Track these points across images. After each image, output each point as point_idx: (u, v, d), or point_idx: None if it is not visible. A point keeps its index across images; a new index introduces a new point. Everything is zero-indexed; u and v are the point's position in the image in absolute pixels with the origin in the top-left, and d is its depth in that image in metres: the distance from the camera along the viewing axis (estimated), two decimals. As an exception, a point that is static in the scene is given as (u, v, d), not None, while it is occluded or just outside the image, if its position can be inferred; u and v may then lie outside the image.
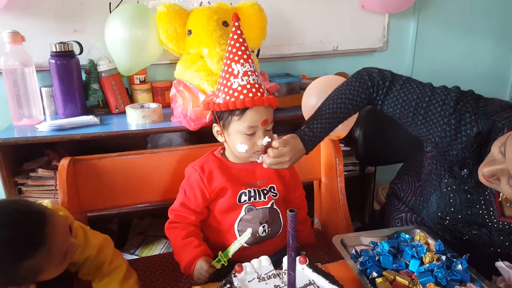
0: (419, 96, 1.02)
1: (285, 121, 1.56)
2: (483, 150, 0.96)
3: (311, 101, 1.33)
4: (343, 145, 1.66)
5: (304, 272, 0.86)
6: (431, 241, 1.03)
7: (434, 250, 0.99)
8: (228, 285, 0.82)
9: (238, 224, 1.12)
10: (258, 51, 1.66)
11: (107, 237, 1.08)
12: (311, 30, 1.86)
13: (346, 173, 1.59)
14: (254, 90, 1.00)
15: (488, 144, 0.94)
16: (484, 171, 0.88)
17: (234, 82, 1.00)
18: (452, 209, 1.05)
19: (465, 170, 0.99)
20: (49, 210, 0.78)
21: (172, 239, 1.13)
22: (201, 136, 1.49)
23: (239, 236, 1.11)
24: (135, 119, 1.44)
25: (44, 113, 1.58)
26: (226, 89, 1.02)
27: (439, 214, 1.09)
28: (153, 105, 1.48)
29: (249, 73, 1.00)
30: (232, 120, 1.03)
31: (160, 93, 1.65)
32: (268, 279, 0.85)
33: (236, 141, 1.05)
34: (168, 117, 1.51)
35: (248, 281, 0.84)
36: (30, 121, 1.49)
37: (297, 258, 0.88)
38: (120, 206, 1.33)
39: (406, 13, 2.00)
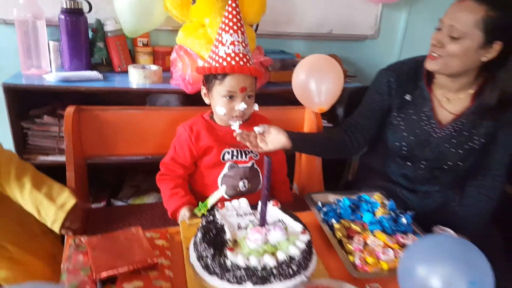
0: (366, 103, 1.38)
1: (277, 94, 1.72)
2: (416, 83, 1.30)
3: (300, 77, 1.45)
4: (326, 122, 1.80)
5: (275, 212, 1.02)
6: (386, 202, 1.20)
7: (387, 208, 1.17)
8: (211, 217, 0.97)
9: (221, 179, 1.27)
10: (257, 26, 1.78)
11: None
12: (309, 12, 1.97)
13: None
14: (237, 59, 1.12)
15: (417, 77, 1.30)
16: (432, 41, 1.18)
17: (221, 49, 1.13)
18: (404, 134, 1.30)
19: (407, 95, 1.30)
20: None
21: (162, 188, 1.27)
22: (197, 100, 1.60)
23: None
24: (136, 78, 1.56)
25: (50, 66, 1.69)
26: (214, 55, 1.15)
27: (396, 144, 1.32)
28: (154, 67, 1.61)
29: (236, 43, 1.13)
30: (215, 84, 1.17)
31: (161, 57, 1.76)
32: (244, 215, 1.00)
33: (217, 103, 1.19)
34: (167, 80, 1.62)
35: (228, 216, 1.00)
36: (38, 71, 1.60)
37: (271, 201, 1.04)
38: (118, 155, 1.46)
39: (399, 5, 2.12)
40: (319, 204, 1.18)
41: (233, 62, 1.13)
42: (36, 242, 1.18)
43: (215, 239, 0.89)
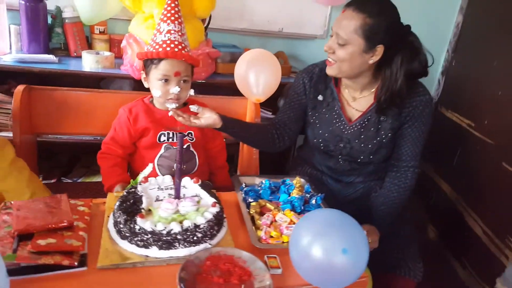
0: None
1: (224, 84, 1.83)
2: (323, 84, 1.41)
3: (241, 68, 1.57)
4: (270, 113, 1.92)
5: (194, 188, 1.13)
6: (304, 185, 1.32)
7: (304, 190, 1.28)
8: (133, 189, 1.08)
9: (158, 159, 1.37)
10: (209, 21, 1.88)
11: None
12: (261, 10, 2.09)
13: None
14: (172, 45, 1.23)
15: (327, 78, 1.41)
16: (324, 48, 1.28)
17: (158, 37, 1.24)
18: (320, 131, 1.41)
19: (320, 95, 1.40)
20: None
21: (101, 166, 1.37)
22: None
23: (158, 169, 1.36)
24: (89, 62, 1.65)
25: (11, 48, 1.76)
26: (152, 43, 1.26)
27: (315, 140, 1.44)
28: (107, 53, 1.70)
29: (172, 31, 1.24)
30: (151, 68, 1.27)
31: (117, 45, 1.86)
32: (165, 189, 1.11)
33: (153, 86, 1.29)
34: (119, 66, 1.72)
35: (150, 189, 1.10)
36: (-4, 52, 1.68)
37: (193, 179, 1.15)
38: (67, 133, 1.56)
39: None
40: (243, 185, 1.30)
41: (168, 48, 1.23)
42: None
43: (131, 207, 1.00)
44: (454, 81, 2.44)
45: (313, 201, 1.20)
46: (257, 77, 1.52)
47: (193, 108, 1.26)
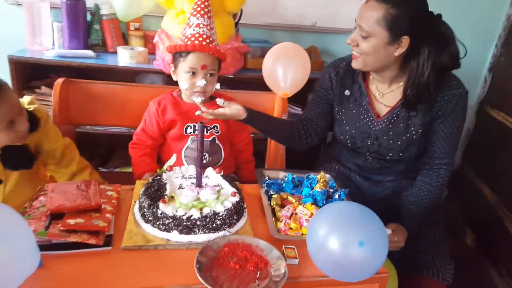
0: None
1: (253, 79, 1.85)
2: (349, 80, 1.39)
3: (267, 63, 1.58)
4: (300, 109, 1.91)
5: (216, 178, 1.16)
6: (328, 180, 1.31)
7: (328, 185, 1.27)
8: (158, 177, 1.12)
9: (185, 150, 1.41)
10: (240, 16, 1.90)
11: (71, 141, 1.37)
12: (293, 4, 2.08)
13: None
14: (200, 39, 1.26)
15: (355, 73, 1.38)
16: (347, 41, 1.26)
17: (188, 31, 1.28)
18: (347, 127, 1.39)
19: (346, 90, 1.37)
20: (6, 86, 1.04)
21: (132, 156, 1.43)
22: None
23: (185, 160, 1.41)
24: (123, 58, 1.73)
25: (53, 44, 1.88)
26: (182, 36, 1.30)
27: (341, 137, 1.41)
28: (141, 49, 1.77)
29: (201, 25, 1.27)
30: (179, 61, 1.31)
31: (151, 41, 1.91)
32: (189, 178, 1.14)
33: (181, 79, 1.33)
34: (153, 61, 1.78)
35: (174, 177, 1.14)
36: (41, 47, 1.80)
37: (215, 170, 1.18)
38: (101, 125, 1.65)
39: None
40: (266, 178, 1.31)
41: (196, 42, 1.27)
42: None
43: (155, 193, 1.04)
44: (502, 78, 2.29)
45: (336, 196, 1.19)
46: (285, 71, 1.53)
47: (219, 101, 1.29)
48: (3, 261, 0.71)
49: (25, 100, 1.20)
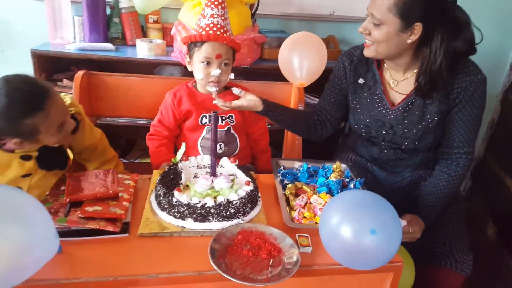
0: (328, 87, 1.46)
1: (269, 70, 1.84)
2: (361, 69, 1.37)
3: (283, 53, 1.57)
4: (317, 99, 1.89)
5: (231, 167, 1.17)
6: (343, 170, 1.30)
7: (344, 175, 1.27)
8: (173, 166, 1.14)
9: (200, 141, 1.42)
10: (257, 6, 1.90)
11: (103, 134, 1.40)
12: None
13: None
14: (215, 29, 1.27)
15: (369, 61, 1.36)
16: (359, 29, 1.25)
17: (202, 21, 1.29)
18: (361, 116, 1.37)
19: (360, 78, 1.36)
20: (53, 89, 1.07)
21: (150, 146, 1.45)
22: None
23: (201, 150, 1.42)
24: (142, 50, 1.76)
25: (75, 38, 1.93)
26: (196, 27, 1.31)
27: (356, 126, 1.40)
28: (159, 41, 1.79)
29: (215, 15, 1.27)
30: (194, 51, 1.32)
31: (170, 33, 1.93)
32: (204, 168, 1.16)
33: (196, 69, 1.34)
34: (171, 53, 1.80)
35: (190, 167, 1.16)
36: (62, 41, 1.84)
37: (230, 159, 1.19)
38: (121, 116, 1.68)
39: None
40: (282, 167, 1.31)
41: (210, 32, 1.28)
42: None
43: (171, 182, 1.06)
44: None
45: (352, 185, 1.18)
46: (301, 60, 1.52)
47: (235, 90, 1.30)
48: (24, 247, 0.75)
49: (68, 98, 1.21)
